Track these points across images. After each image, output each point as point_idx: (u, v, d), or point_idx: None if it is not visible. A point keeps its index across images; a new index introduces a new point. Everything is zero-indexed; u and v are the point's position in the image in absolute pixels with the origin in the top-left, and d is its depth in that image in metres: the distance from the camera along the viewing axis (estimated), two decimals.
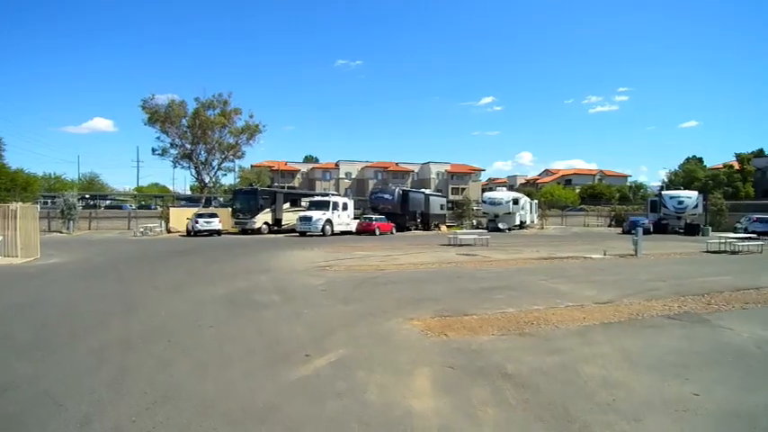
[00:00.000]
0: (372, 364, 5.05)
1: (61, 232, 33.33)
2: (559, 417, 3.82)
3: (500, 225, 37.19)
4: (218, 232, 29.42)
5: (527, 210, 41.60)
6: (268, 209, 31.95)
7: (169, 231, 33.04)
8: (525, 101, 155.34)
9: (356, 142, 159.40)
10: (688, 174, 62.84)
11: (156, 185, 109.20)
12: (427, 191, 42.09)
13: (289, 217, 32.68)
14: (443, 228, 40.49)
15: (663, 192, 41.33)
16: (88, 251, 18.61)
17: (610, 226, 48.23)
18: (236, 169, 66.50)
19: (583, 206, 61.99)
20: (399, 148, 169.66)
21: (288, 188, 79.90)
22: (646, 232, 31.22)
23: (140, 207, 40.56)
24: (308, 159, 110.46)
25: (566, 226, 47.86)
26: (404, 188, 36.14)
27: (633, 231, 19.26)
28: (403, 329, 6.58)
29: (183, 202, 43.48)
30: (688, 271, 13.68)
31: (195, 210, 35.83)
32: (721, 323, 7.09)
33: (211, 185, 59.20)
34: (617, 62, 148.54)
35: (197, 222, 28.92)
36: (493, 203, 38.33)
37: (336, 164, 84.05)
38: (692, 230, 34.29)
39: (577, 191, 75.88)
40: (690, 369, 5.02)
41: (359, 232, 30.96)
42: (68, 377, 4.61)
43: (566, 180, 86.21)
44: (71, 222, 33.86)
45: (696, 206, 36.67)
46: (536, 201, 47.12)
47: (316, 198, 32.37)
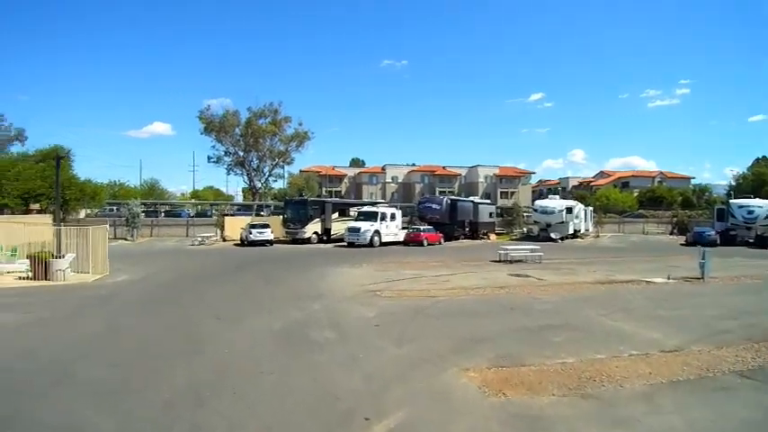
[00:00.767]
0: None
1: (126, 239, 35.39)
2: None
3: (552, 234, 36.08)
4: (269, 242, 30.31)
5: (581, 218, 40.10)
6: (317, 219, 32.54)
7: (224, 240, 34.37)
8: (577, 96, 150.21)
9: (402, 143, 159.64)
10: (758, 177, 58.46)
11: (211, 188, 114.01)
12: (476, 199, 41.46)
13: (337, 227, 33.13)
14: (492, 236, 39.77)
15: (731, 200, 38.64)
16: (152, 266, 19.60)
17: (671, 234, 45.69)
18: (285, 175, 68.31)
19: (641, 211, 59.06)
20: (446, 150, 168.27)
21: (335, 194, 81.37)
22: (712, 244, 29.42)
23: (197, 215, 42.31)
24: (355, 162, 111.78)
25: (623, 234, 45.74)
26: (452, 197, 35.80)
27: (698, 246, 18.12)
28: (460, 384, 6.47)
29: (237, 209, 45.00)
30: (761, 304, 12.72)
31: (248, 219, 37.11)
32: None
33: (263, 192, 61.15)
34: (677, 53, 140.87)
35: (250, 233, 29.93)
36: (545, 212, 37.22)
37: (383, 168, 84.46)
38: (764, 243, 31.92)
39: (635, 194, 72.34)
40: None
41: (407, 243, 30.94)
42: None
43: (623, 182, 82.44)
44: (135, 230, 35.94)
45: None
46: (591, 208, 45.26)
47: (364, 209, 32.64)
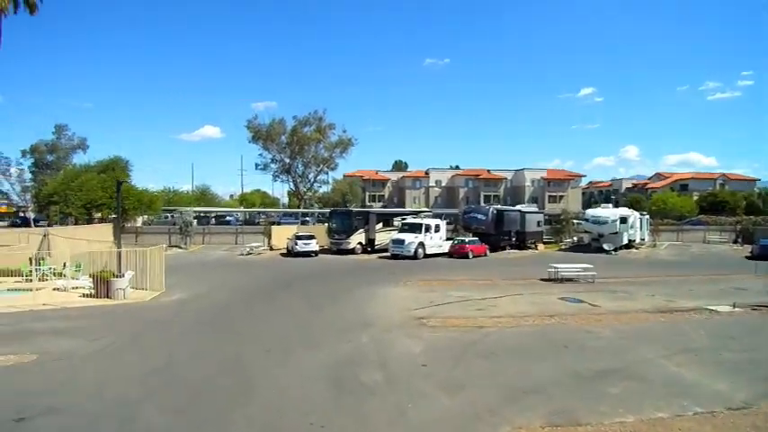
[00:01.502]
0: None
1: (180, 247, 37.01)
2: None
3: (605, 246, 34.64)
4: (315, 253, 30.79)
5: (636, 227, 38.22)
6: (362, 229, 32.74)
7: (271, 249, 35.21)
8: (630, 90, 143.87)
9: (446, 145, 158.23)
10: None
11: (258, 191, 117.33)
12: (523, 207, 40.30)
13: (381, 237, 33.19)
14: (540, 246, 38.66)
15: None
16: (204, 282, 20.30)
17: (735, 242, 42.83)
18: (329, 181, 69.29)
19: (701, 217, 55.67)
20: (491, 152, 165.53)
21: (378, 198, 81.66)
22: None
23: (246, 222, 43.61)
24: (398, 165, 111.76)
25: (681, 243, 43.24)
26: (497, 207, 35.01)
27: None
28: None
29: (283, 216, 46.03)
30: None
31: (294, 228, 37.87)
32: None
33: (308, 198, 62.38)
34: (739, 42, 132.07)
35: (296, 244, 30.53)
36: (597, 222, 35.75)
37: (426, 172, 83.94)
38: None
39: (695, 198, 68.27)
40: None
41: (451, 255, 30.56)
42: None
43: (681, 185, 77.96)
44: (188, 239, 37.52)
45: None
46: (647, 216, 43.04)
47: (408, 220, 32.52)
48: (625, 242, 36.26)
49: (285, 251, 33.19)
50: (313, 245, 30.74)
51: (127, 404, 7.51)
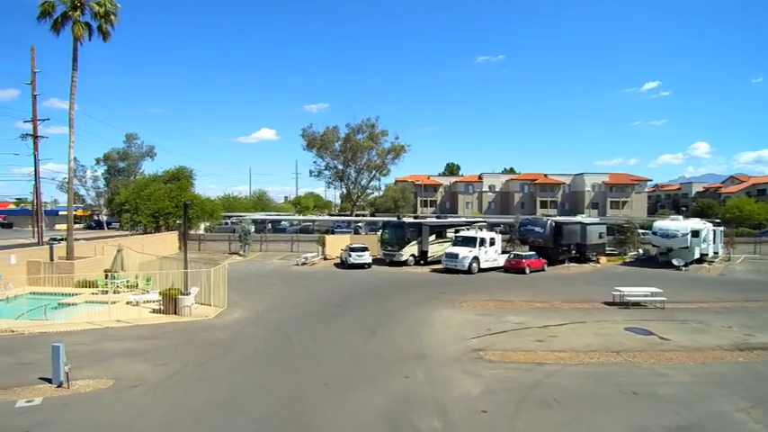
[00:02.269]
0: None
1: (239, 254, 38.46)
2: None
3: (674, 261, 32.50)
4: (368, 265, 30.98)
5: (709, 240, 35.56)
6: (414, 241, 32.56)
7: (325, 258, 35.79)
8: (700, 82, 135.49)
9: (500, 147, 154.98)
10: None
11: (312, 194, 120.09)
12: (584, 218, 38.56)
13: (434, 249, 32.88)
14: (602, 259, 36.84)
15: None
16: (262, 297, 20.92)
17: None
18: (381, 187, 69.68)
19: None
20: (548, 155, 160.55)
21: (430, 204, 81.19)
22: None
23: (300, 230, 44.64)
24: (450, 168, 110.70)
25: (759, 257, 39.79)
26: (556, 220, 33.65)
27: None
28: None
29: (336, 226, 46.70)
30: None
31: (347, 237, 38.31)
32: None
33: (360, 205, 63.06)
34: None
35: (350, 255, 30.84)
36: (666, 236, 33.58)
37: (479, 177, 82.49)
38: None
39: None
40: None
41: (507, 269, 29.75)
42: None
43: (758, 190, 71.96)
44: (246, 246, 38.89)
45: None
46: (721, 228, 39.94)
47: (462, 233, 31.96)
48: (696, 257, 33.85)
49: (339, 261, 33.66)
50: (366, 257, 30.95)
51: None
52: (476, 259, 29.00)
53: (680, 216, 39.62)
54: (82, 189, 74.09)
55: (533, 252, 31.06)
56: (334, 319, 17.00)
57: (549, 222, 32.88)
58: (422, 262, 32.39)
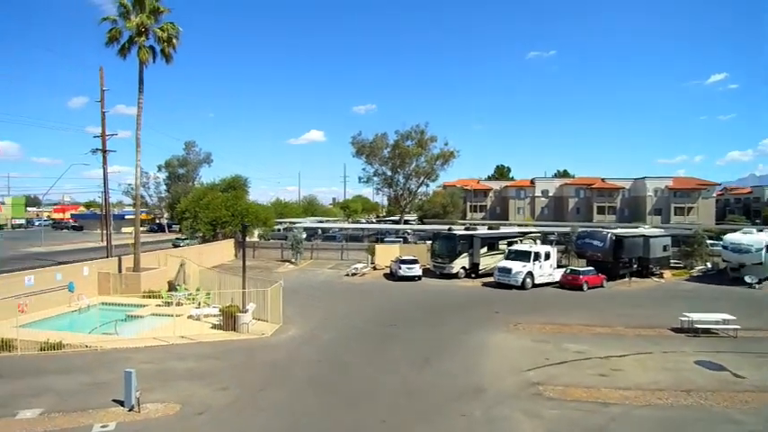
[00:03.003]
0: None
1: (291, 261, 39.39)
2: None
3: (746, 278, 30.14)
4: (418, 277, 30.80)
5: None
6: (465, 253, 32.06)
7: (375, 268, 35.95)
8: None
9: (552, 146, 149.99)
10: None
11: (359, 197, 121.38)
12: (647, 230, 36.48)
13: (486, 261, 32.24)
14: (666, 274, 34.76)
15: None
16: (315, 312, 21.26)
17: None
18: (430, 193, 69.18)
19: None
20: (605, 153, 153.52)
21: (480, 209, 79.83)
22: None
23: (350, 238, 45.10)
24: (500, 170, 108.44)
25: None
26: (617, 233, 31.98)
27: None
28: None
29: (386, 235, 46.82)
30: None
31: (396, 247, 38.31)
32: None
33: (408, 211, 62.97)
34: None
35: (400, 268, 30.78)
36: (737, 250, 31.22)
37: (531, 181, 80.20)
38: None
39: None
40: None
41: (563, 285, 28.63)
42: None
43: None
44: (298, 255, 39.75)
45: None
46: None
47: (516, 246, 31.10)
48: None
49: (388, 272, 33.71)
50: (416, 269, 30.78)
51: None
52: (530, 274, 28.13)
53: (753, 229, 36.71)
54: (144, 194, 78.37)
55: (591, 267, 29.70)
56: (387, 343, 16.95)
57: (609, 236, 31.35)
58: (473, 275, 31.83)
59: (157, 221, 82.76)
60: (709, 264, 36.78)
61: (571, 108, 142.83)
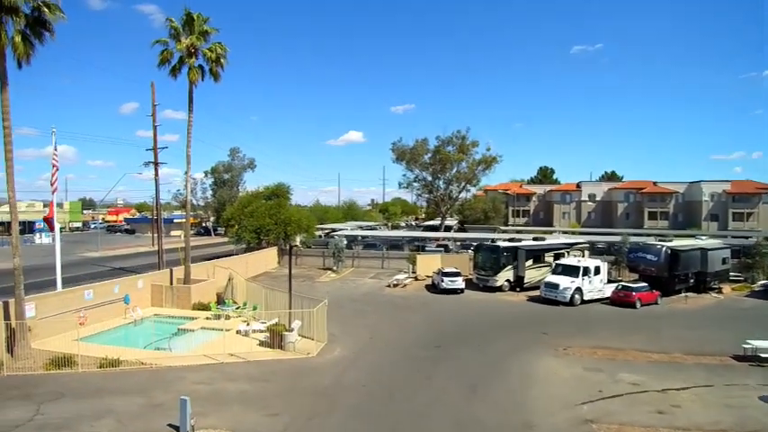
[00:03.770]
0: None
1: (332, 269, 39.78)
2: None
3: None
4: (461, 290, 30.39)
5: None
6: (510, 266, 31.37)
7: (416, 279, 35.75)
8: None
9: (599, 147, 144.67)
10: None
11: (398, 200, 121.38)
12: (704, 242, 34.46)
13: (531, 274, 31.40)
14: (726, 289, 32.83)
15: None
16: (358, 330, 21.30)
17: None
18: (471, 198, 68.24)
19: None
20: (655, 152, 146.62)
21: (522, 214, 77.98)
22: None
23: (391, 246, 45.07)
24: (543, 172, 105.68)
25: None
26: (672, 247, 30.37)
27: None
28: None
29: (427, 243, 46.46)
30: None
31: (438, 257, 37.93)
32: None
33: (449, 217, 62.35)
34: None
35: (442, 280, 30.47)
36: None
37: (577, 185, 77.60)
38: None
39: None
40: None
41: (614, 302, 27.46)
42: None
43: None
44: (340, 263, 40.08)
45: None
46: None
47: (563, 260, 30.07)
48: None
49: (430, 283, 33.46)
50: (459, 282, 30.37)
51: None
52: (578, 290, 27.16)
53: None
54: (191, 198, 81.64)
55: (645, 283, 28.31)
56: (432, 367, 16.74)
57: (664, 249, 29.82)
58: (517, 288, 31.07)
59: (204, 225, 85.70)
60: None
61: (618, 104, 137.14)
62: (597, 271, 28.42)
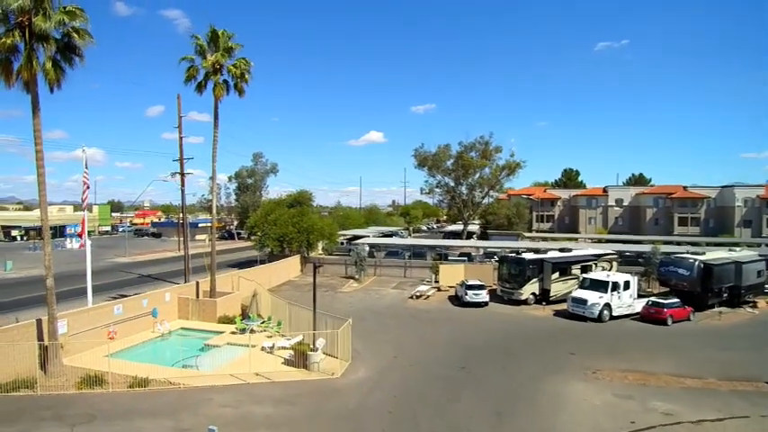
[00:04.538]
0: None
1: (354, 278, 39.81)
2: None
3: None
4: (485, 303, 30.02)
5: None
6: (535, 279, 30.83)
7: (439, 289, 35.46)
8: None
9: (626, 149, 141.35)
10: None
11: (420, 203, 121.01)
12: (738, 253, 33.10)
13: (557, 288, 30.80)
14: (761, 303, 31.65)
15: None
16: (382, 348, 21.17)
17: None
18: (495, 200, 67.49)
19: None
20: (685, 151, 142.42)
21: (546, 219, 76.67)
22: None
23: (414, 255, 44.84)
24: (568, 174, 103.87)
25: None
26: (705, 261, 29.34)
27: None
28: None
29: (448, 251, 46.05)
30: None
31: (461, 267, 37.50)
32: None
33: (471, 222, 61.75)
34: None
35: (466, 293, 30.11)
36: None
37: (604, 189, 75.89)
38: None
39: None
40: None
41: (644, 318, 26.66)
42: None
43: None
44: (362, 272, 40.07)
45: None
46: None
47: (591, 274, 29.33)
48: None
49: (453, 293, 33.14)
50: (483, 295, 29.97)
51: None
52: (607, 306, 26.47)
53: None
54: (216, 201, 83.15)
55: (676, 299, 27.36)
56: (457, 389, 16.51)
57: (697, 264, 28.83)
58: (543, 302, 30.50)
59: (227, 229, 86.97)
60: None
61: (645, 102, 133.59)
62: (627, 286, 27.65)
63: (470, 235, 63.80)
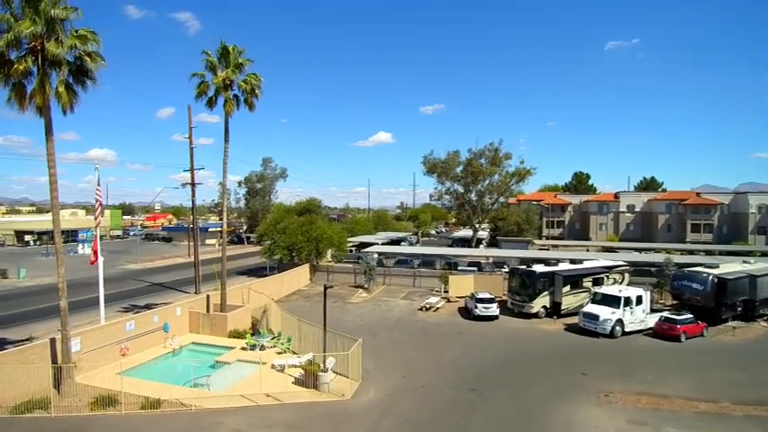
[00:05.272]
0: None
1: (364, 287, 39.81)
2: None
3: None
4: (495, 317, 29.84)
5: None
6: (546, 292, 30.58)
7: (448, 301, 35.32)
8: None
9: (637, 152, 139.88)
10: None
11: (428, 205, 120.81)
12: (754, 267, 32.56)
13: (569, 301, 30.56)
14: None
15: None
16: (393, 367, 21.11)
17: None
18: (505, 204, 67.18)
19: None
20: (699, 153, 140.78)
21: (557, 225, 76.13)
22: None
23: (422, 264, 44.73)
24: (579, 178, 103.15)
25: None
26: (720, 275, 28.91)
27: None
28: None
29: (458, 260, 45.82)
30: None
31: (471, 278, 37.32)
32: None
33: (480, 224, 61.52)
34: None
35: (476, 307, 29.93)
36: None
37: (615, 195, 75.16)
38: None
39: None
40: None
41: (657, 334, 26.34)
42: None
43: None
44: (371, 281, 40.05)
45: None
46: None
47: (603, 290, 28.95)
48: None
49: (463, 305, 32.99)
50: (493, 309, 29.78)
51: None
52: (619, 322, 26.15)
53: None
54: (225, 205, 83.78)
55: (690, 315, 26.97)
56: (468, 415, 16.39)
57: (711, 279, 28.43)
58: (554, 316, 30.25)
59: (237, 233, 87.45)
60: None
61: (656, 102, 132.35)
62: (639, 301, 27.30)
63: (480, 242, 63.53)
